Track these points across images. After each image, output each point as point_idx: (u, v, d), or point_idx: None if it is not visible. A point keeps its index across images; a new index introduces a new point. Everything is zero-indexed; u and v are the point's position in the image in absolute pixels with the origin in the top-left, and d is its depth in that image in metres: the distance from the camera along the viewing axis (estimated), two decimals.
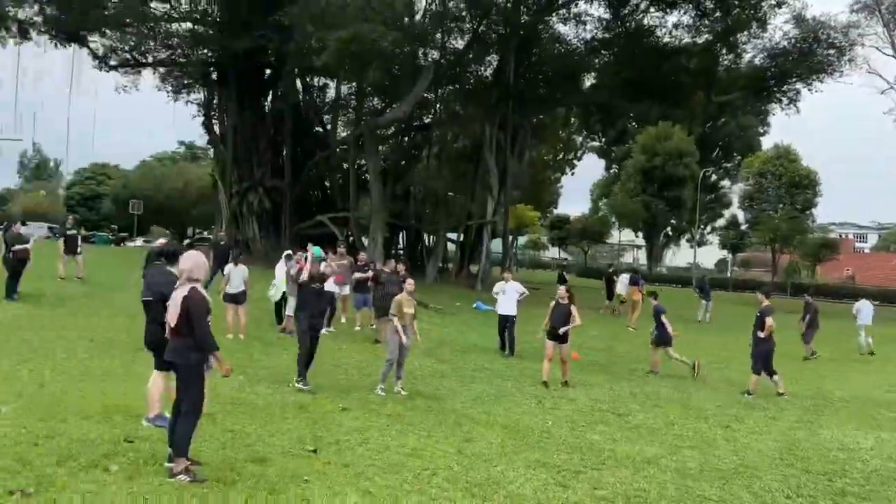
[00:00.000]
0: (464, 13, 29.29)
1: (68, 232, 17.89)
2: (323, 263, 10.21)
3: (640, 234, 62.85)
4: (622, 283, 24.09)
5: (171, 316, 5.35)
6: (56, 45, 33.65)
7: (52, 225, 49.42)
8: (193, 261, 5.52)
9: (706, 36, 31.73)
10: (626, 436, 8.32)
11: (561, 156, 60.46)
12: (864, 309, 18.95)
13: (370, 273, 15.16)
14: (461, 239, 35.16)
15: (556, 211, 69.15)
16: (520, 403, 9.75)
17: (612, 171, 68.66)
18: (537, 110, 36.49)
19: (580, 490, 6.12)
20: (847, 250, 69.05)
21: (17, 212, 50.31)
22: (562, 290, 11.87)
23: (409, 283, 10.28)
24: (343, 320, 15.49)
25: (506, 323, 14.24)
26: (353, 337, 14.30)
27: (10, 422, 6.17)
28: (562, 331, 11.23)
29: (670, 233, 64.17)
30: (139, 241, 50.74)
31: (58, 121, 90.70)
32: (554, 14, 32.50)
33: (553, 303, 11.56)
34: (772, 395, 11.37)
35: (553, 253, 78.58)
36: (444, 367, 12.11)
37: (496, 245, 38.65)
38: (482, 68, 34.69)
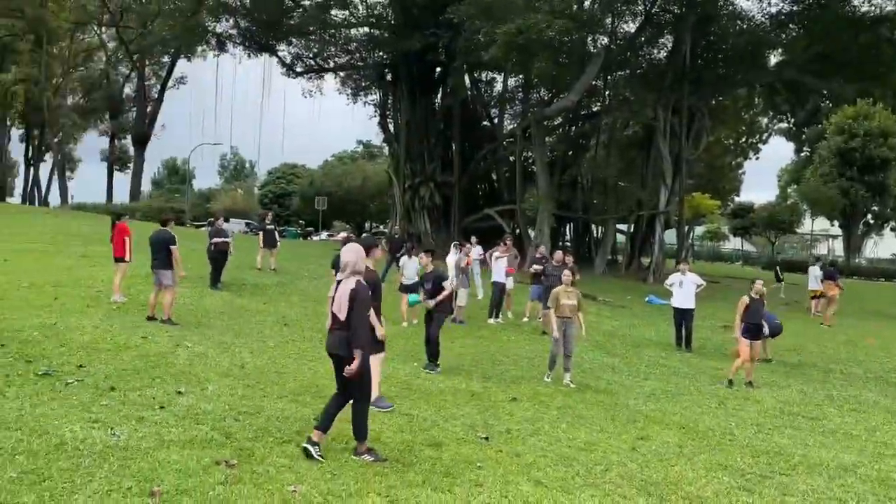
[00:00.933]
0: None
1: (267, 227, 19.45)
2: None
3: (836, 223, 57.02)
4: (813, 277, 21.98)
5: (339, 308, 5.40)
6: (249, 55, 36.89)
7: (250, 221, 54.33)
8: (356, 253, 5.54)
9: None
10: (820, 441, 7.63)
11: (743, 139, 56.33)
12: None
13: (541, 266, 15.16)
14: (631, 230, 34.02)
15: (737, 199, 64.68)
16: (699, 402, 9.27)
17: (802, 154, 62.91)
18: (716, 92, 34.32)
19: (767, 496, 5.71)
20: None
21: (218, 209, 55.88)
22: (758, 284, 11.09)
23: (566, 275, 10.11)
24: (510, 314, 15.61)
25: (683, 317, 13.60)
26: (520, 328, 14.36)
27: (215, 399, 6.87)
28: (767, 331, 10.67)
29: (871, 221, 57.62)
30: (323, 235, 54.51)
31: (252, 126, 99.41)
32: None
33: (746, 299, 10.80)
34: None
35: (734, 244, 73.63)
36: (615, 361, 11.81)
37: (670, 236, 36.96)
38: (655, 51, 33.24)
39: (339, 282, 5.52)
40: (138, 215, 39.02)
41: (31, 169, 53.80)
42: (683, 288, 13.61)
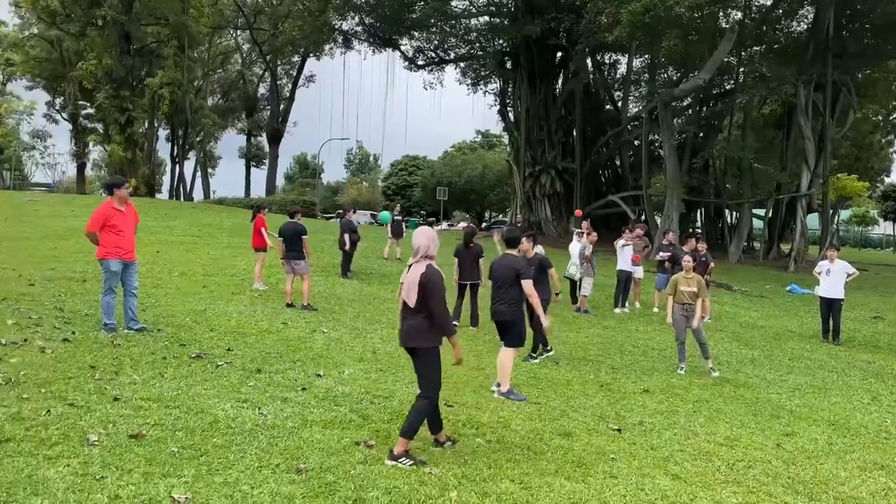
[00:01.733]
0: None
1: (395, 218, 20.07)
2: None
3: None
4: None
5: (409, 295, 4.99)
6: (373, 51, 37.93)
7: (375, 213, 55.95)
8: (428, 237, 5.12)
9: None
10: None
11: (894, 115, 51.44)
12: None
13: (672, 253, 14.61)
14: (769, 214, 32.04)
15: (887, 180, 59.33)
16: (849, 398, 8.61)
17: None
18: (863, 64, 31.56)
19: None
20: None
21: (345, 202, 58.00)
22: None
23: (686, 260, 9.60)
24: (638, 304, 15.16)
25: (830, 307, 12.66)
26: (649, 318, 13.91)
27: (351, 382, 7.14)
28: None
29: None
30: (444, 225, 55.30)
31: (376, 120, 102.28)
32: None
33: None
34: None
35: (884, 228, 67.67)
36: (755, 354, 11.17)
37: (812, 221, 34.48)
38: (794, 23, 31.03)
39: (409, 266, 5.15)
40: (273, 208, 41.24)
41: (177, 166, 58.09)
42: (831, 276, 12.66)
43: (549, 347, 9.53)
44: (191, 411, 5.52)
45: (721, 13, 27.06)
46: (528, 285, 7.07)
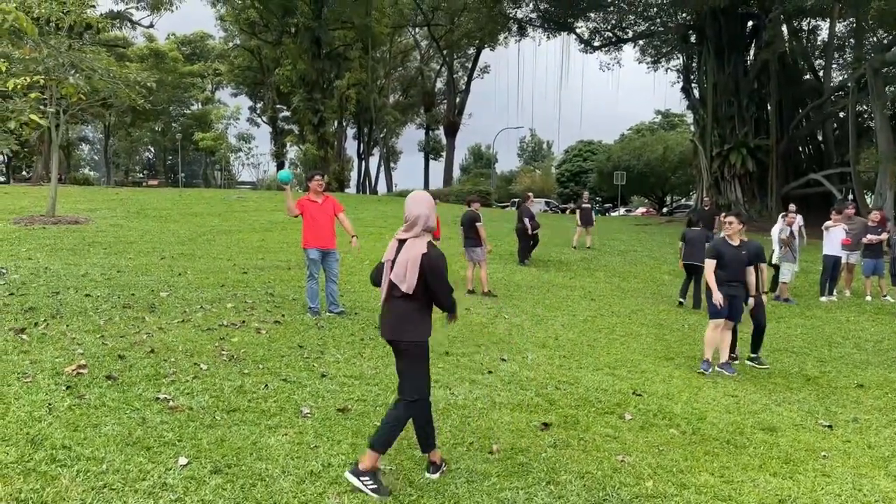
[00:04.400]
0: None
1: (583, 205, 19.78)
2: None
3: None
4: None
5: (402, 278, 4.02)
6: (548, 36, 37.61)
7: (549, 200, 55.72)
8: (427, 204, 4.14)
9: None
10: None
11: None
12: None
13: (884, 235, 13.10)
14: None
15: None
16: None
17: None
18: None
19: None
20: None
21: (519, 190, 58.20)
22: None
23: None
24: (847, 292, 13.76)
25: None
26: (861, 307, 12.57)
27: (535, 367, 7.19)
28: None
29: None
30: (622, 210, 53.66)
31: (551, 106, 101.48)
32: None
33: None
34: None
35: None
36: None
37: None
38: None
39: (400, 242, 4.13)
40: (451, 199, 42.44)
41: (363, 162, 61.68)
42: None
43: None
44: (388, 389, 5.86)
45: None
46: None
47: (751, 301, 7.86)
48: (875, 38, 31.43)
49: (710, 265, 7.66)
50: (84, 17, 17.02)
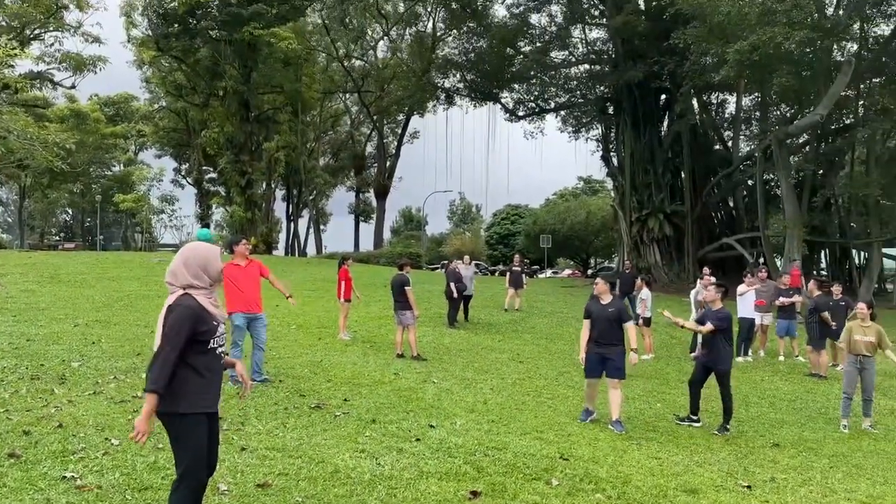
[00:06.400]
0: None
1: (514, 268, 20.33)
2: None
3: None
4: None
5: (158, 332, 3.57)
6: (475, 105, 38.83)
7: (478, 262, 56.32)
8: (186, 256, 3.70)
9: None
10: None
11: None
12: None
13: (796, 298, 13.84)
14: None
15: None
16: None
17: None
18: None
19: None
20: None
21: (449, 252, 58.76)
22: None
23: (860, 308, 9.03)
24: (762, 353, 14.35)
25: None
26: (775, 367, 13.11)
27: (464, 433, 7.13)
28: None
29: None
30: (548, 273, 54.82)
31: (479, 171, 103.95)
32: None
33: None
34: None
35: None
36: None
37: None
38: None
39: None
40: (382, 261, 42.42)
41: (292, 224, 61.12)
42: None
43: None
44: (312, 461, 5.68)
45: (835, 46, 25.91)
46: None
47: (632, 356, 8.10)
48: (778, 112, 33.86)
49: (584, 325, 8.12)
50: (1, 77, 16.56)
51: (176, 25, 39.58)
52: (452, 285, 15.76)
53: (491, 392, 9.50)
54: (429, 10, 39.64)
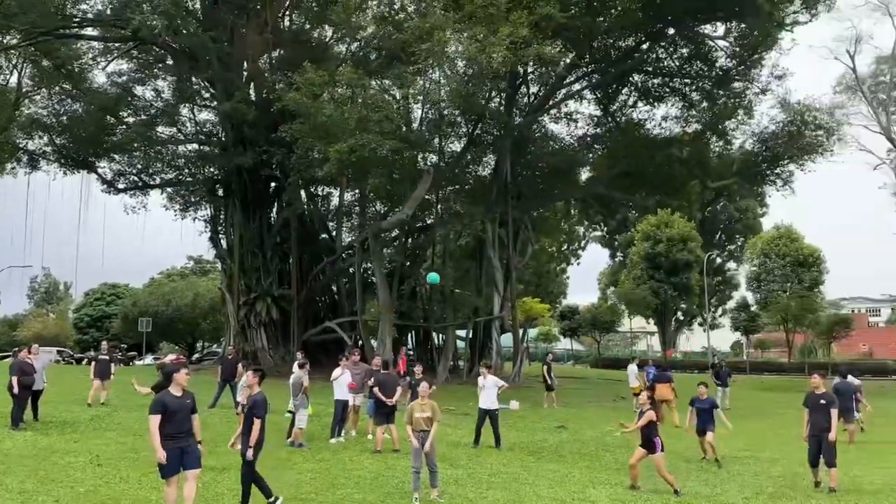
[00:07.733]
0: (458, 119, 30.41)
1: (100, 357, 17.91)
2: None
3: (652, 321, 62.33)
4: (632, 374, 22.88)
5: None
6: (65, 172, 34.85)
7: (62, 349, 49.58)
8: None
9: (695, 126, 32.66)
10: None
11: (565, 247, 60.90)
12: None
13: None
14: (470, 336, 34.95)
15: (564, 301, 69.03)
16: None
17: (616, 259, 69.00)
18: (536, 205, 37.16)
19: None
20: (861, 325, 68.15)
21: (27, 337, 50.52)
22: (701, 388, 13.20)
23: (423, 388, 10.16)
24: (353, 432, 15.10)
25: (485, 417, 14.41)
26: (364, 445, 13.95)
27: None
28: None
29: (681, 317, 63.68)
30: (149, 359, 50.56)
31: (68, 245, 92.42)
32: (546, 114, 33.74)
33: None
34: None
35: (565, 344, 77.67)
36: (459, 473, 11.72)
37: (507, 340, 38.32)
38: (480, 168, 35.72)
39: None
40: None
41: None
42: (486, 390, 14.36)
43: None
44: None
45: (419, 157, 30.14)
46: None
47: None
48: (375, 208, 37.61)
49: (153, 421, 7.31)
50: None
51: None
52: (14, 379, 13.52)
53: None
54: (13, 62, 34.71)
